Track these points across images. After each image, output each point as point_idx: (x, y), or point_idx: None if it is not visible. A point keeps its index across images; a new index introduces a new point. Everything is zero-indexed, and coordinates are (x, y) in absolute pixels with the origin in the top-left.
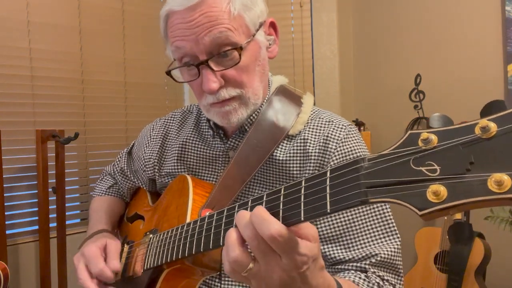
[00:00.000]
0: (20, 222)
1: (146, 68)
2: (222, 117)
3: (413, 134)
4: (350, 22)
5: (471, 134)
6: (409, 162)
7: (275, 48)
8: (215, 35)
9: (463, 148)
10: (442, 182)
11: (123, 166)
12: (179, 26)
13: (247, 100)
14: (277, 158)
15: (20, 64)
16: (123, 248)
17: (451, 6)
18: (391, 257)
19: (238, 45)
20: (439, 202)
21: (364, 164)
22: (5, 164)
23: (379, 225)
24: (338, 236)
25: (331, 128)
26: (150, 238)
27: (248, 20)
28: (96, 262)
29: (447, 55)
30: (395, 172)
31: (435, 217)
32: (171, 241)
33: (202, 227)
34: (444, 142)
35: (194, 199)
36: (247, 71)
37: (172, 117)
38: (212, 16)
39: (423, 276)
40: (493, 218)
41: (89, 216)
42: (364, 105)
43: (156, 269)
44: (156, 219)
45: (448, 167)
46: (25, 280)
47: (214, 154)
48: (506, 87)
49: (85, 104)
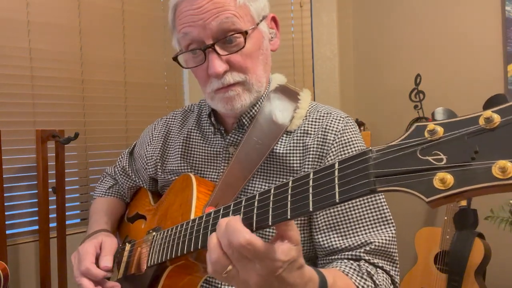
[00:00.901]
0: (20, 222)
1: (146, 68)
2: (226, 102)
3: (419, 126)
4: (350, 22)
5: (476, 124)
6: (416, 152)
7: (277, 41)
8: (222, 20)
9: (468, 138)
10: (449, 170)
11: (125, 165)
12: (187, 13)
13: (251, 86)
14: (277, 152)
15: (20, 64)
16: (124, 247)
17: (451, 6)
18: (386, 245)
19: (243, 30)
20: (446, 189)
21: (372, 155)
22: (5, 164)
23: (375, 214)
24: (335, 224)
25: (329, 120)
26: (154, 235)
27: (253, 10)
28: (84, 260)
29: (447, 55)
30: (402, 161)
31: (441, 204)
32: (175, 237)
33: (208, 222)
34: (449, 133)
35: (198, 197)
36: (251, 57)
37: (173, 116)
38: (219, 3)
39: (423, 276)
40: (493, 218)
41: (89, 217)
42: (364, 105)
43: (160, 266)
44: (159, 218)
45: (454, 156)
46: (25, 280)
47: (215, 151)
48: (506, 87)
49: (85, 104)
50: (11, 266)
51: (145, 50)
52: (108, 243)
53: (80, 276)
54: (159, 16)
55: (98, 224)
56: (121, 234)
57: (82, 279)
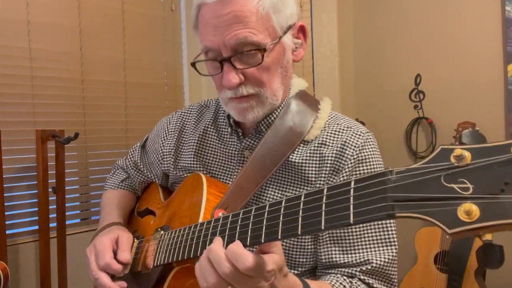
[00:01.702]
0: (20, 222)
1: (146, 68)
2: (239, 113)
3: (445, 149)
4: (350, 22)
5: (507, 153)
6: (440, 178)
7: (301, 52)
8: (240, 40)
9: (499, 167)
10: (475, 201)
11: (137, 159)
12: (208, 22)
13: (265, 100)
14: (293, 161)
15: (20, 64)
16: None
17: (451, 6)
18: (385, 266)
19: (262, 46)
20: (470, 221)
21: (391, 177)
22: (5, 164)
23: (380, 234)
24: (339, 238)
25: (349, 134)
26: (162, 234)
27: (276, 22)
28: (104, 255)
29: (447, 55)
30: (424, 187)
31: (464, 236)
32: (182, 239)
33: (216, 228)
34: (477, 160)
35: (207, 199)
36: (268, 71)
37: (189, 110)
38: (240, 17)
39: (423, 276)
40: None
41: (100, 208)
42: (364, 105)
43: (166, 267)
44: (168, 216)
45: (481, 186)
46: (25, 280)
47: (229, 152)
48: (506, 87)
49: (85, 104)
50: (11, 266)
51: (145, 50)
52: (125, 238)
53: (98, 271)
54: (159, 16)
55: (111, 216)
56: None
57: (100, 273)
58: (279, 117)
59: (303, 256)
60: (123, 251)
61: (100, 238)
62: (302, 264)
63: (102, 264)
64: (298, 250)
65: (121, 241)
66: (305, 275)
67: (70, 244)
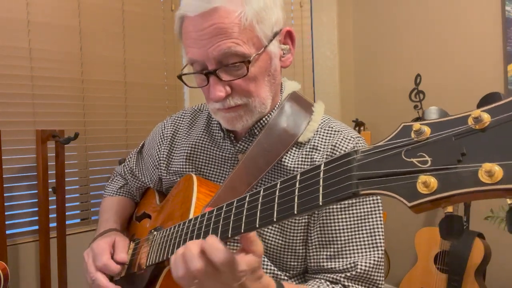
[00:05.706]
0: (20, 222)
1: (146, 68)
2: (227, 122)
3: (406, 126)
4: (350, 22)
5: (464, 125)
6: (401, 153)
7: (289, 58)
8: (223, 50)
9: (456, 139)
10: (433, 173)
11: (133, 166)
12: (191, 35)
13: (253, 109)
14: (285, 165)
15: (20, 64)
16: (129, 245)
17: (451, 6)
18: (369, 271)
19: (246, 57)
20: (429, 193)
21: (357, 156)
22: (5, 164)
23: (367, 237)
24: (327, 242)
25: (339, 138)
26: (154, 235)
27: (260, 32)
28: (101, 256)
29: (447, 55)
30: (386, 163)
31: (425, 210)
32: (172, 237)
33: (202, 223)
34: (436, 133)
35: (198, 197)
36: (255, 81)
37: (182, 115)
38: (222, 28)
39: (423, 276)
40: (493, 218)
41: (99, 215)
42: (364, 105)
43: (158, 266)
44: (162, 217)
45: (439, 158)
46: (25, 280)
47: (223, 156)
48: (506, 87)
49: (85, 104)
50: (11, 266)
51: (145, 50)
52: (121, 242)
53: (95, 272)
54: (159, 16)
55: (108, 223)
56: (129, 233)
57: (98, 274)
58: (273, 119)
59: (294, 260)
60: (120, 253)
61: (97, 242)
62: (293, 267)
63: (100, 265)
64: (289, 254)
65: (118, 244)
66: (296, 279)
67: (70, 244)
